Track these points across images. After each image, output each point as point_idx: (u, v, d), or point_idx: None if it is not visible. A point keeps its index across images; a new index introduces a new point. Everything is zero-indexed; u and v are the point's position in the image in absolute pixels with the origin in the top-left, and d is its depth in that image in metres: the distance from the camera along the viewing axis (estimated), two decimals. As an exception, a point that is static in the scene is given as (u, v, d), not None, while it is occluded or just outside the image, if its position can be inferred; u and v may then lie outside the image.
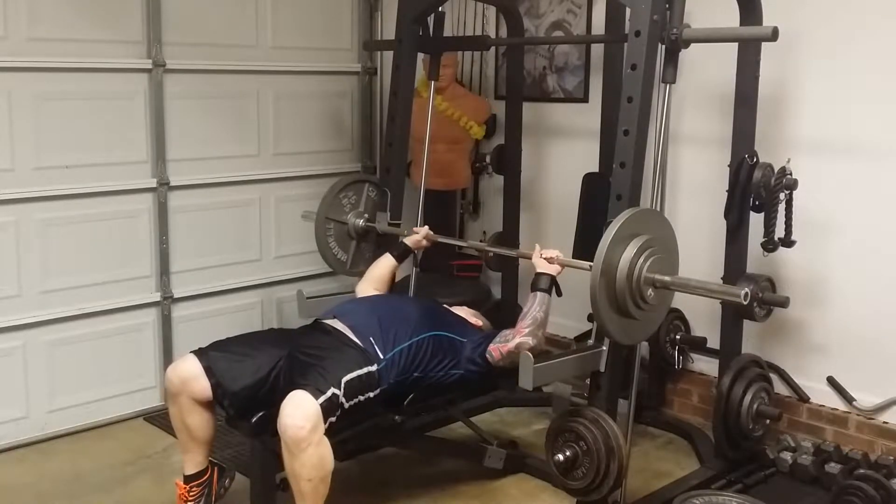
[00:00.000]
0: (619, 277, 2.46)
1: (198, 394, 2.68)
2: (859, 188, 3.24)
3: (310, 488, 2.50)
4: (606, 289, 2.45)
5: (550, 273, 2.82)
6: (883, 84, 3.15)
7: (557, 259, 2.84)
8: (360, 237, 3.62)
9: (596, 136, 3.77)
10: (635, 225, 2.51)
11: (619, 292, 2.47)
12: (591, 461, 2.61)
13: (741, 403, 3.15)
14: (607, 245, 2.43)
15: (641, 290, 2.49)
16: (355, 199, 3.63)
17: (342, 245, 3.61)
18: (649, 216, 2.63)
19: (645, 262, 2.49)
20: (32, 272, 3.47)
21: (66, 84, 3.47)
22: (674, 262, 2.63)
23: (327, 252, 3.58)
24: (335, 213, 3.58)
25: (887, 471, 3.03)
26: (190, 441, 2.78)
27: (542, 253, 2.87)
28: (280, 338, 2.89)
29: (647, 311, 2.55)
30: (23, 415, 3.50)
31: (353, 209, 3.62)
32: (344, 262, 3.63)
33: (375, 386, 2.69)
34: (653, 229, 2.56)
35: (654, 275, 2.49)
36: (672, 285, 2.53)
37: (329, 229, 3.57)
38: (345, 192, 3.60)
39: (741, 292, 2.40)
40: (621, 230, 2.46)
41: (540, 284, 2.81)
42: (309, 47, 4.29)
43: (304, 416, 2.44)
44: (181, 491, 2.80)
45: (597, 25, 3.92)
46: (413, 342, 2.80)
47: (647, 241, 2.50)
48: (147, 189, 3.75)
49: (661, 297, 2.58)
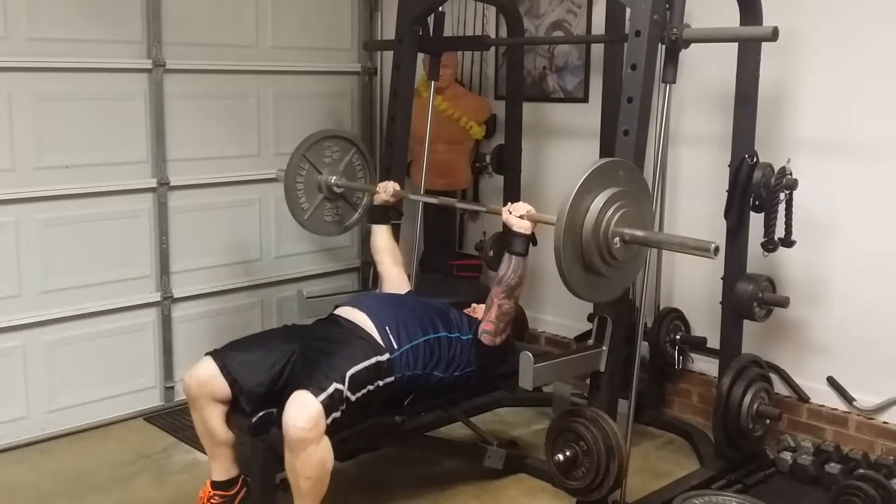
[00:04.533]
0: (586, 230, 2.34)
1: (217, 393, 2.69)
2: (859, 188, 3.24)
3: (308, 486, 2.53)
4: (572, 241, 2.32)
5: (524, 232, 2.74)
6: (883, 84, 3.15)
7: (528, 215, 2.76)
8: (325, 195, 3.52)
9: (596, 136, 3.77)
10: (606, 176, 2.40)
11: (586, 245, 2.34)
12: (591, 461, 2.61)
13: (741, 403, 3.15)
14: (573, 195, 2.31)
15: (609, 244, 2.36)
16: (339, 156, 3.54)
17: (309, 194, 3.49)
18: (621, 167, 2.48)
19: (614, 215, 2.36)
20: (32, 272, 3.47)
21: (66, 84, 3.47)
22: (646, 218, 2.51)
23: (292, 192, 3.45)
24: (315, 156, 3.48)
25: (887, 471, 3.03)
26: (215, 447, 2.80)
27: (511, 210, 2.79)
28: (293, 333, 2.91)
29: (616, 267, 2.42)
30: (23, 415, 3.51)
31: (333, 165, 3.52)
32: (304, 210, 3.49)
33: (386, 374, 2.70)
34: (625, 182, 2.43)
35: (623, 228, 2.37)
36: (642, 239, 2.40)
37: (303, 170, 3.46)
38: (332, 143, 3.52)
39: (710, 246, 2.26)
40: (589, 181, 2.35)
41: (515, 247, 2.74)
42: (309, 47, 4.29)
43: (306, 416, 2.46)
44: (204, 492, 2.84)
45: (597, 25, 3.92)
46: (428, 339, 2.83)
47: (616, 194, 2.38)
48: (147, 189, 3.75)
49: (630, 253, 2.44)
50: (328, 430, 2.52)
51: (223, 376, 2.68)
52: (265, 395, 2.67)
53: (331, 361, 2.62)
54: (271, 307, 4.27)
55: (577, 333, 3.97)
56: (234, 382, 2.68)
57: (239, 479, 2.86)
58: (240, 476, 2.86)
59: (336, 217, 3.60)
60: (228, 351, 2.76)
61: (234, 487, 2.84)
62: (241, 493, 2.85)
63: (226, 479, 2.83)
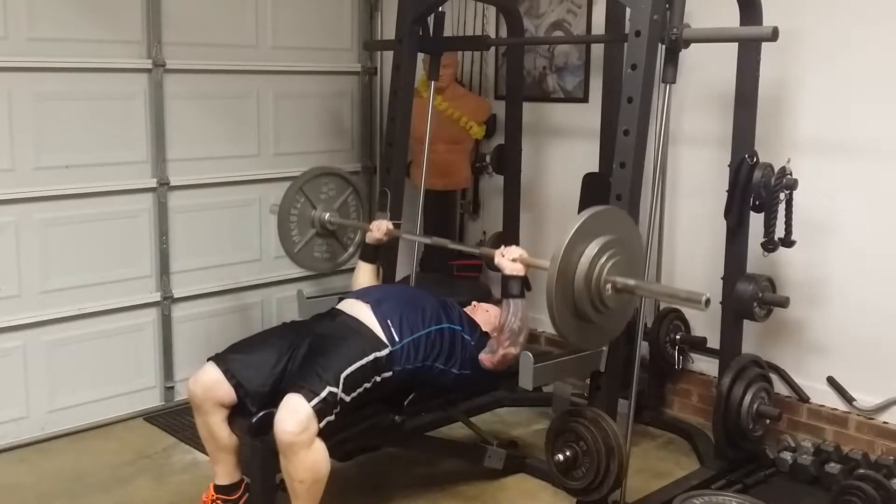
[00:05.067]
0: (578, 277, 2.34)
1: (223, 398, 2.70)
2: (859, 188, 3.24)
3: (302, 489, 2.54)
4: (564, 288, 2.32)
5: (518, 275, 2.74)
6: (883, 84, 3.15)
7: (521, 258, 2.76)
8: (318, 231, 3.55)
9: (596, 136, 3.77)
10: (599, 224, 2.40)
11: (577, 293, 2.35)
12: (591, 461, 2.61)
13: (741, 403, 3.15)
14: (567, 241, 2.31)
15: (601, 292, 2.36)
16: (335, 193, 3.58)
17: (301, 228, 3.52)
18: (615, 216, 2.50)
19: (606, 263, 2.36)
20: (32, 272, 3.47)
21: (66, 84, 3.47)
22: (638, 266, 2.52)
23: (285, 223, 3.47)
24: (312, 191, 3.51)
25: (887, 471, 3.03)
26: (218, 451, 2.80)
27: (504, 253, 2.78)
28: (292, 330, 2.91)
29: (606, 315, 2.42)
30: (23, 415, 3.50)
31: (328, 202, 3.56)
32: (295, 243, 3.52)
33: (384, 369, 2.70)
34: (618, 230, 2.43)
35: (615, 277, 2.37)
36: (633, 289, 2.39)
37: (298, 203, 3.49)
38: (329, 180, 3.56)
39: (702, 298, 2.27)
40: (584, 227, 2.35)
41: (511, 290, 2.74)
42: (309, 47, 4.29)
43: (295, 420, 2.47)
44: (207, 496, 2.84)
45: (597, 25, 3.92)
46: (430, 331, 2.83)
47: (610, 241, 2.38)
48: (147, 189, 3.75)
49: (621, 302, 2.44)
50: (323, 433, 2.53)
51: (227, 380, 2.68)
52: (270, 395, 2.67)
53: (325, 361, 2.62)
54: (271, 307, 4.27)
55: (577, 333, 3.97)
56: (239, 385, 2.68)
57: (242, 484, 2.86)
58: (242, 480, 2.86)
59: (325, 254, 3.61)
60: (230, 354, 2.76)
61: (236, 492, 2.85)
62: (243, 498, 2.85)
63: (229, 484, 2.84)
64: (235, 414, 2.74)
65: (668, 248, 3.74)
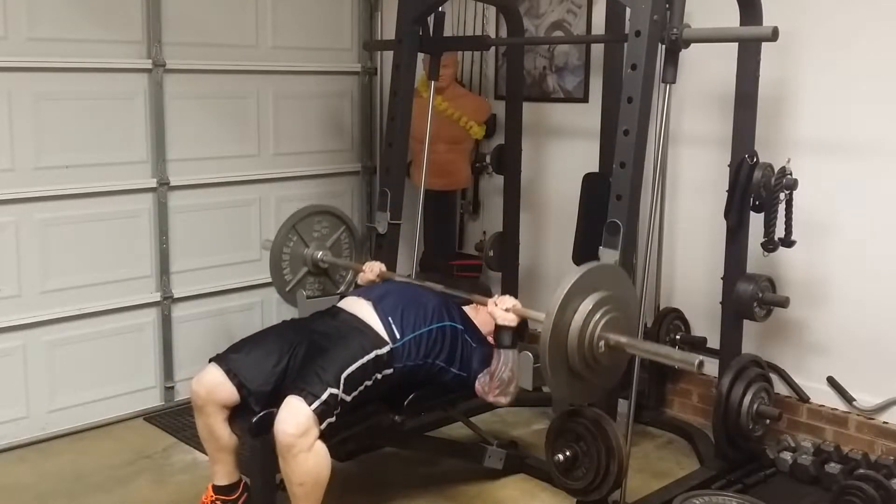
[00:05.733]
0: (572, 332, 2.34)
1: (226, 399, 2.69)
2: (859, 188, 3.24)
3: (302, 493, 2.53)
4: (557, 343, 2.33)
5: (509, 325, 2.73)
6: (883, 84, 3.15)
7: (514, 309, 2.74)
8: (310, 269, 3.55)
9: (596, 136, 3.77)
10: (595, 279, 2.39)
11: (570, 348, 2.35)
12: (591, 461, 2.61)
13: (741, 403, 3.15)
14: (563, 296, 2.31)
15: (594, 348, 2.36)
16: (327, 231, 3.59)
17: (293, 266, 3.52)
18: (610, 272, 2.51)
19: (601, 319, 2.36)
20: (32, 272, 3.47)
21: (66, 84, 3.47)
22: (632, 323, 2.53)
23: (277, 263, 3.49)
24: (304, 230, 3.53)
25: (887, 471, 3.03)
26: (218, 451, 2.80)
27: (497, 302, 2.78)
28: (294, 328, 2.90)
29: (598, 371, 2.43)
30: (23, 415, 3.51)
31: (321, 240, 3.56)
32: (287, 282, 3.51)
33: (385, 367, 2.70)
34: (613, 286, 2.43)
35: (609, 333, 2.37)
36: (627, 346, 2.39)
37: (290, 241, 3.51)
38: (322, 218, 3.58)
39: (695, 360, 2.28)
40: (579, 283, 2.34)
41: (503, 341, 2.73)
42: (309, 47, 4.29)
43: (295, 423, 2.47)
44: (206, 496, 2.84)
45: (597, 25, 3.92)
46: (432, 328, 2.83)
47: (605, 298, 2.38)
48: (147, 189, 3.75)
49: (613, 359, 2.44)
50: (323, 436, 2.52)
51: (230, 380, 2.68)
52: (272, 394, 2.66)
53: (325, 362, 2.62)
54: (271, 307, 4.27)
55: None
56: (241, 385, 2.68)
57: (241, 484, 2.86)
58: (241, 480, 2.86)
59: (317, 293, 3.58)
60: (231, 354, 2.75)
61: (235, 492, 2.84)
62: (242, 498, 2.85)
63: (228, 484, 2.83)
64: (235, 414, 2.73)
65: (668, 248, 3.74)
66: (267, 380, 2.68)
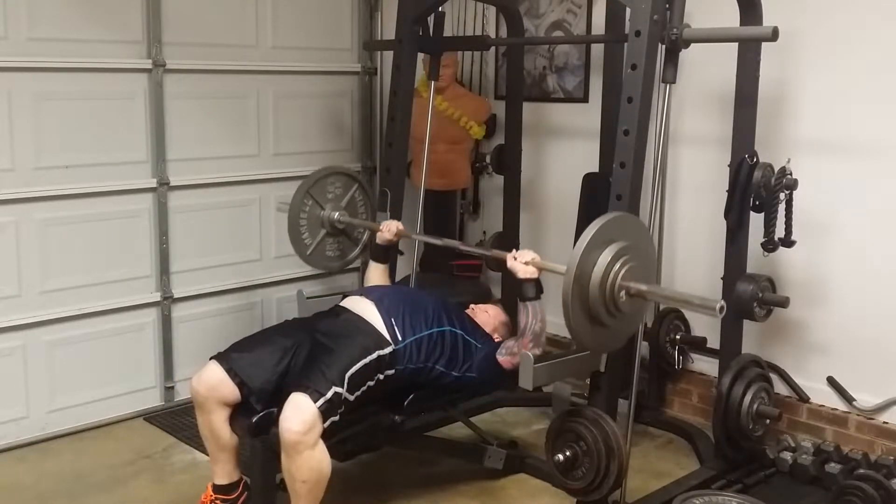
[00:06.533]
0: (593, 283, 2.36)
1: (226, 397, 2.70)
2: (859, 188, 3.24)
3: (304, 490, 2.54)
4: (580, 294, 2.34)
5: (532, 278, 2.74)
6: (883, 84, 3.15)
7: (534, 262, 2.75)
8: (328, 231, 3.56)
9: (596, 136, 3.77)
10: (613, 230, 2.41)
11: (592, 298, 2.36)
12: (591, 461, 2.61)
13: (741, 403, 3.15)
14: (582, 249, 2.33)
15: (615, 298, 2.38)
16: (341, 191, 3.59)
17: (311, 229, 3.53)
18: (628, 222, 2.51)
19: (621, 269, 2.38)
20: (32, 272, 3.47)
21: (66, 84, 3.47)
22: (650, 271, 2.53)
23: (295, 228, 3.48)
24: (318, 193, 3.52)
25: (887, 471, 3.03)
26: (219, 450, 2.80)
27: (516, 256, 2.77)
28: (297, 328, 2.91)
29: (620, 319, 2.45)
30: (23, 415, 3.50)
31: (336, 201, 3.56)
32: (307, 246, 3.52)
33: (387, 367, 2.71)
34: (631, 235, 2.45)
35: (629, 282, 2.38)
36: (647, 294, 2.41)
37: (306, 206, 3.50)
38: (335, 179, 3.57)
39: (717, 305, 2.27)
40: (598, 235, 2.36)
41: (527, 293, 2.74)
42: (309, 47, 4.29)
43: (301, 420, 2.47)
44: (206, 496, 2.84)
45: (597, 25, 3.92)
46: (432, 332, 2.83)
47: (623, 248, 2.40)
48: (147, 189, 3.75)
49: (634, 306, 2.46)
50: (324, 432, 2.53)
51: (231, 378, 2.68)
52: (273, 393, 2.67)
53: (330, 360, 2.62)
54: (271, 307, 4.27)
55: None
56: (243, 384, 2.68)
57: (240, 483, 2.86)
58: (241, 480, 2.86)
59: (338, 252, 3.62)
60: (233, 353, 2.76)
61: (235, 491, 2.85)
62: (242, 497, 2.85)
63: (227, 483, 2.83)
64: (236, 413, 2.74)
65: (668, 248, 3.74)
66: (268, 378, 2.69)
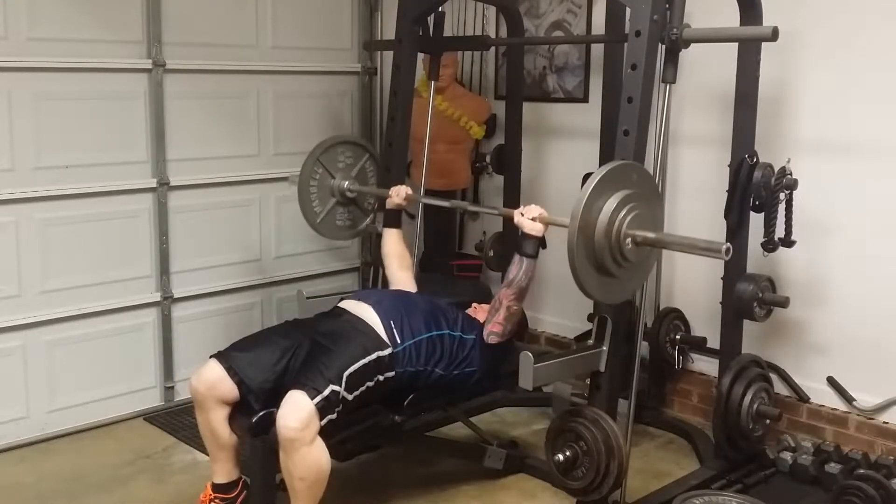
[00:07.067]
0: (598, 231, 2.35)
1: (225, 395, 2.70)
2: (859, 188, 3.24)
3: (303, 487, 2.54)
4: (585, 243, 2.34)
5: (536, 234, 2.73)
6: (883, 84, 3.15)
7: (541, 217, 2.74)
8: (338, 200, 3.56)
9: (596, 136, 3.77)
10: (617, 179, 2.41)
11: (598, 247, 2.36)
12: (591, 461, 2.61)
13: (741, 403, 3.15)
14: (586, 197, 2.32)
15: (621, 246, 2.38)
16: (352, 161, 3.59)
17: (322, 198, 3.54)
18: (632, 170, 2.50)
19: (626, 217, 2.38)
20: (32, 272, 3.46)
21: (66, 84, 3.47)
22: (657, 219, 2.53)
23: (306, 195, 3.49)
24: (328, 161, 3.52)
25: (887, 471, 3.03)
26: (218, 449, 2.80)
27: (523, 212, 2.77)
28: (296, 328, 2.91)
29: (627, 268, 2.44)
30: (23, 415, 3.50)
31: (346, 170, 3.57)
32: (317, 214, 3.53)
33: (386, 369, 2.71)
34: (635, 184, 2.44)
35: (635, 230, 2.38)
36: (653, 241, 2.42)
37: (317, 174, 3.50)
38: (345, 148, 3.58)
39: (722, 247, 2.29)
40: (602, 183, 2.35)
41: (526, 249, 2.72)
42: (309, 47, 4.29)
43: (298, 417, 2.47)
44: (205, 495, 2.84)
45: (597, 25, 3.92)
46: (431, 335, 2.84)
47: (628, 196, 2.39)
48: (147, 189, 3.75)
49: (641, 255, 2.47)
50: (324, 432, 2.53)
51: (230, 377, 2.68)
52: (272, 392, 2.67)
53: (328, 360, 2.63)
54: (271, 307, 4.27)
55: (577, 333, 3.97)
56: (241, 383, 2.68)
57: (240, 482, 2.86)
58: (240, 479, 2.86)
59: (348, 221, 3.63)
60: (232, 352, 2.76)
61: (234, 490, 2.84)
62: (241, 496, 2.85)
63: (227, 482, 2.83)
64: (236, 413, 2.74)
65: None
66: (267, 378, 2.69)
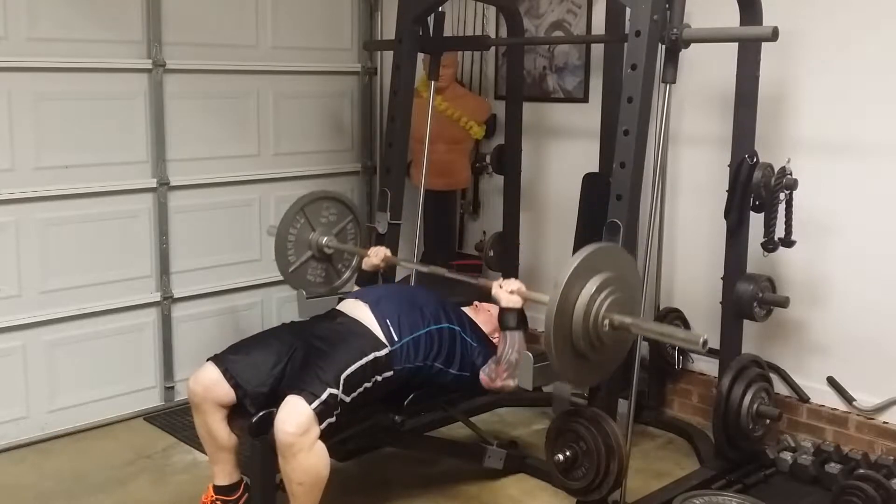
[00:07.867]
0: (577, 313, 2.33)
1: (222, 398, 2.70)
2: (859, 188, 3.24)
3: (301, 492, 2.54)
4: (562, 324, 2.31)
5: (514, 307, 2.73)
6: (883, 84, 3.15)
7: (519, 291, 2.74)
8: (314, 254, 3.50)
9: (596, 136, 3.77)
10: (598, 261, 2.38)
11: (575, 329, 2.33)
12: (591, 461, 2.61)
13: (741, 403, 3.15)
14: (566, 279, 2.30)
15: (599, 330, 2.35)
16: (335, 219, 3.54)
17: (298, 249, 3.47)
18: (613, 252, 2.50)
19: (605, 300, 2.35)
20: (32, 272, 3.47)
21: (66, 84, 3.47)
22: (635, 303, 2.51)
23: (282, 244, 3.43)
24: (313, 213, 3.48)
25: (887, 471, 3.03)
26: (217, 451, 2.80)
27: (501, 284, 2.77)
28: (293, 331, 2.91)
29: (602, 353, 2.42)
30: (23, 415, 3.51)
31: (328, 226, 3.52)
32: (290, 263, 3.46)
33: (384, 369, 2.71)
34: (616, 267, 2.42)
35: (613, 314, 2.35)
36: (631, 326, 2.37)
37: (298, 223, 3.45)
38: (331, 205, 3.53)
39: (700, 339, 2.22)
40: (583, 265, 2.33)
41: (508, 322, 2.73)
42: (309, 47, 4.29)
43: (295, 422, 2.47)
44: (207, 496, 2.84)
45: (597, 25, 3.92)
46: (430, 330, 2.83)
47: (608, 279, 2.37)
48: (147, 189, 3.75)
49: (618, 339, 2.43)
50: (323, 436, 2.53)
51: (226, 380, 2.68)
52: (268, 396, 2.67)
53: (325, 363, 2.62)
54: (271, 307, 4.27)
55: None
56: (238, 386, 2.68)
57: (241, 484, 2.86)
58: (242, 481, 2.86)
59: (319, 278, 3.54)
60: (229, 355, 2.76)
61: (236, 492, 2.85)
62: (243, 498, 2.85)
63: (228, 484, 2.84)
64: (235, 414, 2.74)
65: (668, 248, 3.74)
66: (264, 381, 2.69)
